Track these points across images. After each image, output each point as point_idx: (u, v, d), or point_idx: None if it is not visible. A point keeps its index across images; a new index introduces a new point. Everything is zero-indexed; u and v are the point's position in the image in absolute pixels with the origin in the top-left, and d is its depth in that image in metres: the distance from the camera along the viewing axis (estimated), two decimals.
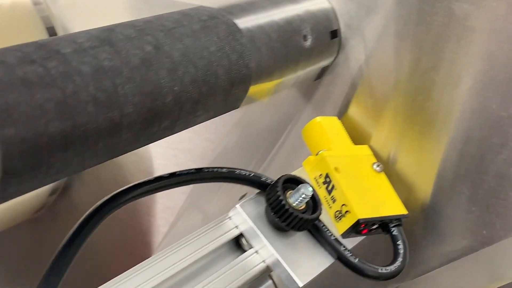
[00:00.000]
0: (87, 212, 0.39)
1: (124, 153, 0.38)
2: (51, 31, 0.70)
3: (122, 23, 0.39)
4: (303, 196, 0.44)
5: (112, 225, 0.75)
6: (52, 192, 0.78)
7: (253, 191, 0.48)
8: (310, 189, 0.45)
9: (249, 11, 0.47)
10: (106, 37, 0.37)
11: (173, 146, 0.66)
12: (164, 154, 0.67)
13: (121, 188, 0.41)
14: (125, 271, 0.40)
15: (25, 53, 0.33)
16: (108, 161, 0.71)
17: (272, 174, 0.47)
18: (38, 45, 0.34)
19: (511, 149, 0.48)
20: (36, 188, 0.33)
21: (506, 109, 0.47)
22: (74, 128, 0.33)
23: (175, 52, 0.39)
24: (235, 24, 0.44)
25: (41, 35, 0.69)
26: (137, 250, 0.43)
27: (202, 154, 0.64)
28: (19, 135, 0.30)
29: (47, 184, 0.34)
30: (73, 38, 0.36)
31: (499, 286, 0.51)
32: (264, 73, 0.46)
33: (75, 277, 0.39)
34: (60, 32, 0.71)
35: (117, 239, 0.73)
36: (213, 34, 0.42)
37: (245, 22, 0.45)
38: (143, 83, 0.36)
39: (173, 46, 0.39)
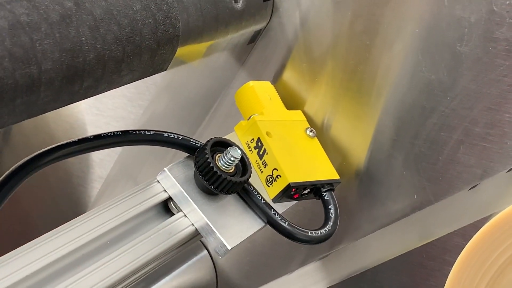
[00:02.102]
0: (9, 170, 0.38)
1: (44, 112, 0.37)
2: None
3: None
4: (232, 158, 0.44)
5: (44, 194, 0.73)
6: None
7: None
8: (239, 151, 0.44)
9: None
10: None
11: (106, 114, 0.65)
12: (97, 122, 0.66)
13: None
14: None
15: None
16: (38, 128, 0.69)
17: (206, 140, 0.46)
18: None
19: (441, 113, 0.48)
20: None
21: (435, 73, 0.48)
22: None
23: (97, 9, 0.38)
24: None
25: None
26: (68, 219, 0.42)
27: (135, 121, 0.63)
28: None
29: None
30: None
31: (427, 242, 0.52)
32: (193, 34, 0.45)
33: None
34: None
35: (48, 209, 0.72)
36: None
37: None
38: (62, 40, 0.35)
39: (94, 3, 0.38)
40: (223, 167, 0.44)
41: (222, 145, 0.46)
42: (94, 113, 0.66)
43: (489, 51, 0.45)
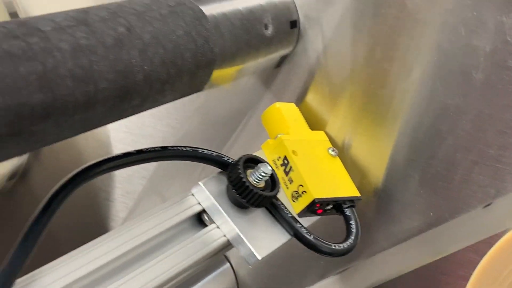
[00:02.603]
0: (60, 182, 0.41)
1: (97, 127, 0.40)
2: (14, 16, 0.72)
3: (95, 6, 0.41)
4: (263, 174, 0.47)
5: (71, 210, 0.76)
6: (11, 177, 0.79)
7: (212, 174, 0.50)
8: (269, 168, 0.47)
9: None
10: (82, 17, 0.39)
11: (134, 132, 0.68)
12: (125, 140, 0.69)
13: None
14: None
15: (8, 29, 0.35)
16: (68, 145, 0.72)
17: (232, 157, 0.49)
18: (19, 22, 0.36)
19: (456, 135, 0.51)
20: (18, 155, 0.36)
21: (452, 98, 0.51)
22: (53, 100, 0.35)
23: (145, 34, 0.41)
24: (201, 11, 0.47)
25: (4, 19, 0.70)
26: (96, 235, 0.45)
27: (163, 139, 0.66)
28: (5, 104, 0.32)
29: (27, 152, 0.36)
30: (51, 17, 0.38)
31: (441, 257, 0.54)
32: (227, 58, 0.49)
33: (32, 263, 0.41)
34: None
35: (75, 225, 0.74)
36: (180, 19, 0.45)
37: (210, 9, 0.48)
38: (116, 62, 0.39)
39: (143, 28, 0.41)
40: (254, 182, 0.47)
41: (253, 161, 0.49)
42: (123, 131, 0.69)
43: (502, 78, 0.48)
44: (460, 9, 0.49)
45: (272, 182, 0.49)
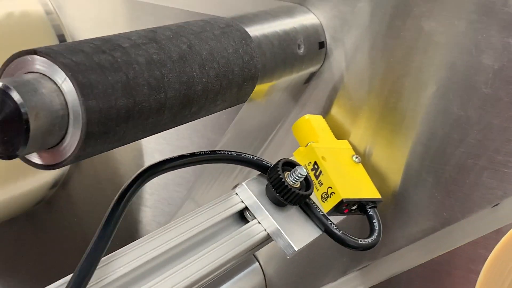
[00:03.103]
0: (127, 182, 0.47)
1: (162, 131, 0.47)
2: (61, 38, 0.78)
3: (159, 26, 0.48)
4: (299, 175, 0.53)
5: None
6: (53, 185, 0.85)
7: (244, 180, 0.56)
8: (305, 170, 0.54)
9: (255, 21, 0.56)
10: (152, 36, 0.45)
11: (172, 143, 0.74)
12: (162, 151, 0.76)
13: (131, 176, 0.48)
14: None
15: (96, 45, 0.41)
16: (106, 158, 0.78)
17: None
18: (104, 40, 0.42)
19: (468, 143, 0.58)
20: (102, 152, 0.42)
21: (464, 110, 0.57)
22: (134, 104, 0.41)
23: (203, 51, 0.48)
24: (246, 32, 0.53)
25: (53, 42, 0.77)
26: (131, 240, 0.50)
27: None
28: (98, 106, 0.39)
29: (110, 149, 0.42)
30: (127, 36, 0.44)
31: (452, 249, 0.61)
32: (267, 73, 0.56)
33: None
34: (69, 40, 0.79)
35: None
36: (230, 38, 0.51)
37: (253, 31, 0.55)
38: (181, 74, 0.45)
39: (201, 46, 0.48)
40: (292, 183, 0.53)
41: (289, 165, 0.55)
42: (161, 143, 0.75)
43: (509, 93, 0.55)
44: (472, 32, 0.55)
45: (307, 183, 0.55)
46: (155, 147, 0.76)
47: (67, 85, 0.38)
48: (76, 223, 0.86)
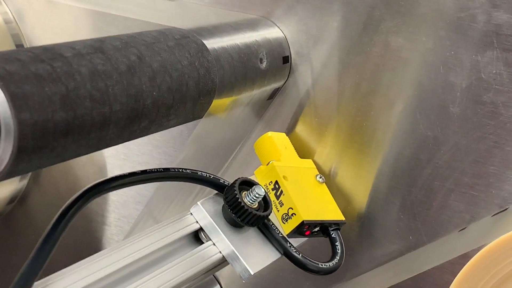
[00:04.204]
0: (70, 200, 0.45)
1: (108, 147, 0.44)
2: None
3: (109, 36, 0.46)
4: (257, 195, 0.51)
5: (67, 232, 0.79)
6: (10, 201, 0.82)
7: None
8: (263, 190, 0.51)
9: (215, 34, 0.54)
10: (99, 46, 0.43)
11: (132, 159, 0.72)
12: (123, 166, 0.73)
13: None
14: None
15: (35, 54, 0.39)
16: (66, 172, 0.76)
17: None
18: (44, 49, 0.40)
19: (435, 165, 0.56)
20: (39, 168, 0.39)
21: (431, 130, 0.55)
22: (74, 118, 0.39)
23: (154, 63, 0.45)
24: (203, 44, 0.51)
25: None
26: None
27: (159, 167, 0.70)
28: (32, 119, 0.36)
29: (48, 166, 0.40)
30: (71, 45, 0.42)
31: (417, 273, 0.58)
32: (226, 88, 0.53)
33: None
34: None
35: (71, 247, 0.78)
36: (185, 50, 0.49)
37: (211, 43, 0.52)
38: (128, 86, 0.43)
39: (153, 58, 0.46)
40: (249, 203, 0.51)
41: (247, 184, 0.53)
42: (122, 158, 0.73)
43: (477, 112, 0.53)
44: (440, 49, 0.53)
45: (265, 203, 0.53)
46: (115, 162, 0.73)
47: None
48: (34, 240, 0.83)
